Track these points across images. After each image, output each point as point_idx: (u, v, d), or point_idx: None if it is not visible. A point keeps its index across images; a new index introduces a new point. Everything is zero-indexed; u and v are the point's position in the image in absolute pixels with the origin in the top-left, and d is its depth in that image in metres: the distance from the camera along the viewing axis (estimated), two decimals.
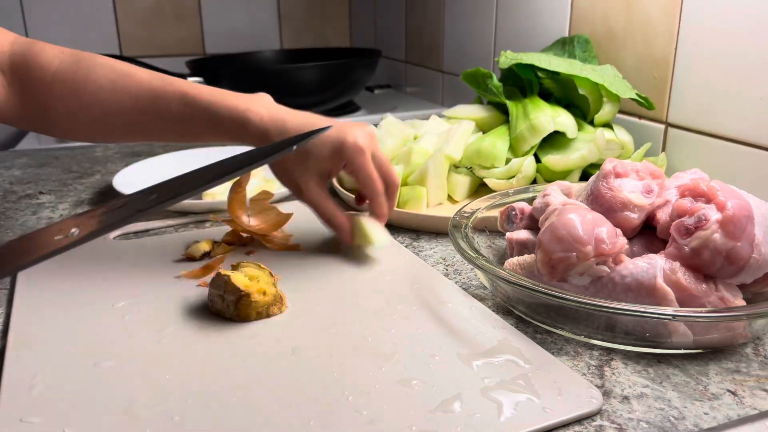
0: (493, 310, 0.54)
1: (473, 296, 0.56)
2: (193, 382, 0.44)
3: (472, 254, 0.52)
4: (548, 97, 0.85)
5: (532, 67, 0.83)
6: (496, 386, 0.42)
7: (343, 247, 0.65)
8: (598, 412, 0.41)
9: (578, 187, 0.58)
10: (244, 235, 0.68)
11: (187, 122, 0.64)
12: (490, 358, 0.46)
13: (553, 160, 0.77)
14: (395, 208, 0.72)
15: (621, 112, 0.90)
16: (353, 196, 0.77)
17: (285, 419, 0.40)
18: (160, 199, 0.44)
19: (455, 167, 0.81)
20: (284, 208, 0.79)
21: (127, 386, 0.43)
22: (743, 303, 0.47)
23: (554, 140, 0.79)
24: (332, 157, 0.61)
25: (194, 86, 0.64)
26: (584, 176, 0.79)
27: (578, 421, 0.40)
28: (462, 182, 0.78)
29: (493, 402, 0.41)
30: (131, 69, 0.65)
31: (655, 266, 0.46)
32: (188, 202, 0.76)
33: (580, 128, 0.80)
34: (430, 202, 0.76)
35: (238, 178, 0.69)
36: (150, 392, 0.42)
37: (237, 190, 0.66)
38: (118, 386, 0.43)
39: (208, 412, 0.40)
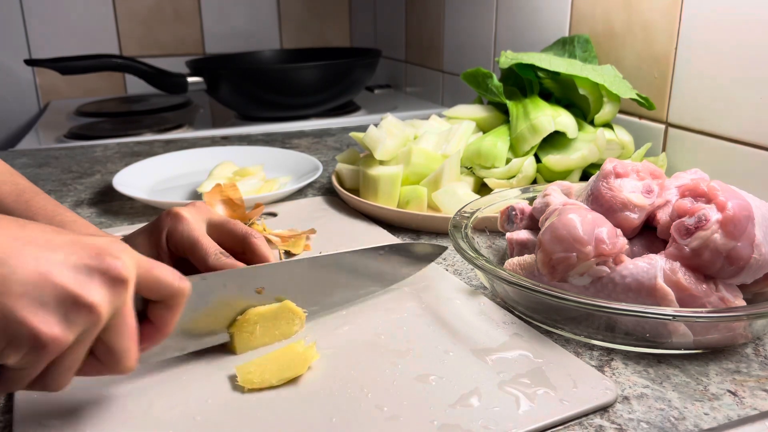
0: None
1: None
2: (211, 381, 0.44)
3: (472, 254, 0.52)
4: (548, 97, 0.85)
5: (532, 67, 0.83)
6: (512, 380, 0.43)
7: None
8: (613, 403, 0.41)
9: (578, 187, 0.58)
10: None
11: None
12: (503, 353, 0.46)
13: (553, 160, 0.77)
14: (396, 208, 0.72)
15: (621, 112, 0.89)
16: (354, 196, 0.77)
17: (308, 416, 0.40)
18: None
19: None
20: (282, 209, 0.79)
21: (147, 389, 0.43)
22: (743, 303, 0.46)
23: (554, 140, 0.79)
24: (150, 243, 0.49)
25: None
26: (584, 176, 0.79)
27: (587, 414, 0.40)
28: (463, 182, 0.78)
29: (511, 395, 0.41)
30: None
31: (655, 266, 0.46)
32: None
33: (580, 128, 0.80)
34: (447, 207, 0.73)
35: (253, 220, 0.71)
36: (169, 394, 0.42)
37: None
38: (137, 389, 0.43)
39: (228, 410, 0.41)
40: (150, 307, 0.39)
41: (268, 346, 0.48)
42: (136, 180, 0.87)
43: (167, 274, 0.38)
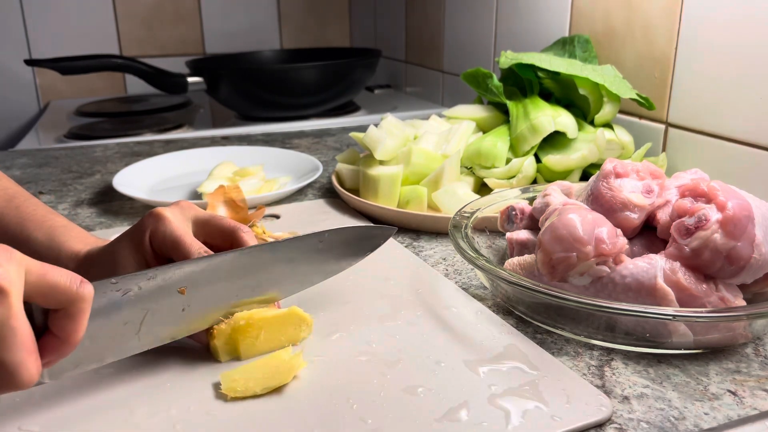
0: (494, 311, 0.53)
1: (473, 296, 0.56)
2: (195, 388, 0.43)
3: (472, 254, 0.52)
4: (548, 97, 0.85)
5: (532, 67, 0.83)
6: (504, 393, 0.42)
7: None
8: (607, 420, 0.40)
9: (578, 187, 0.58)
10: None
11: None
12: (496, 365, 0.45)
13: (553, 160, 0.77)
14: (396, 208, 0.72)
15: (621, 112, 0.89)
16: (354, 196, 0.77)
17: (288, 427, 0.39)
18: None
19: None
20: (283, 211, 0.79)
21: (129, 395, 0.43)
22: (743, 303, 0.46)
23: (554, 140, 0.79)
24: (133, 246, 0.48)
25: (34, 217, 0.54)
26: (584, 176, 0.79)
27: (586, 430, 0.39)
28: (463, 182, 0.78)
29: (501, 410, 0.40)
30: None
31: (655, 266, 0.46)
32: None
33: (580, 128, 0.80)
34: (447, 207, 0.73)
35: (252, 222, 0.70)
36: (151, 401, 0.42)
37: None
38: (119, 395, 0.43)
39: (210, 419, 0.40)
40: (50, 317, 0.35)
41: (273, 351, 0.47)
42: (136, 180, 0.87)
43: (63, 279, 0.34)
